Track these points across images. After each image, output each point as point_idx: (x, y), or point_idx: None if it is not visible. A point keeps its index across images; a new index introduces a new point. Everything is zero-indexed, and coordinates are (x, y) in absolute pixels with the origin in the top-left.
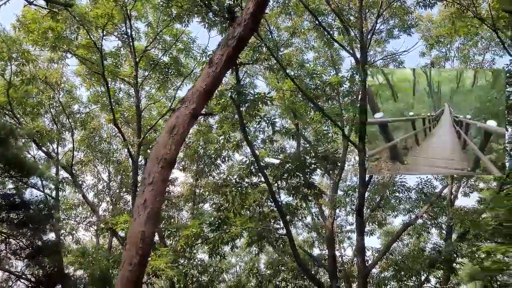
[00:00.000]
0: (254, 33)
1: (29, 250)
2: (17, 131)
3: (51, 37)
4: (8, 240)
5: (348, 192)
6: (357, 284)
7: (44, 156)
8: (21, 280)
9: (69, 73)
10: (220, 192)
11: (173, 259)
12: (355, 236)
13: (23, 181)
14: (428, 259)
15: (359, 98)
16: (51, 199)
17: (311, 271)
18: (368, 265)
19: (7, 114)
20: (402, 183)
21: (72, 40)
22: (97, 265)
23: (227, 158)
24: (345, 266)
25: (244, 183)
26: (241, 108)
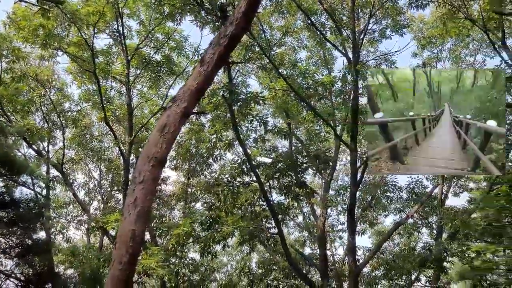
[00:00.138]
0: (247, 32)
1: (19, 249)
2: (7, 129)
3: (42, 35)
4: None
5: (340, 192)
6: (348, 283)
7: (35, 154)
8: (11, 279)
9: (60, 71)
10: (212, 191)
11: (164, 258)
12: (346, 236)
13: (13, 180)
14: (419, 258)
15: (351, 98)
16: (42, 198)
17: (303, 270)
18: (359, 264)
19: None
20: (393, 183)
21: (63, 38)
22: (88, 264)
23: (219, 158)
24: (336, 265)
25: (236, 182)
26: (233, 107)
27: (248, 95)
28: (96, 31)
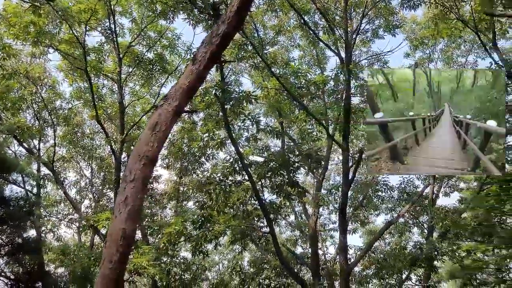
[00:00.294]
0: (239, 31)
1: (9, 247)
2: None
3: (33, 32)
4: None
5: (332, 191)
6: (340, 282)
7: (25, 153)
8: (0, 278)
9: (52, 68)
10: (204, 190)
11: (156, 257)
12: (338, 235)
13: (3, 177)
14: (410, 257)
15: (344, 98)
16: (32, 196)
17: (294, 269)
18: (351, 263)
19: None
20: (385, 182)
21: (55, 35)
22: (79, 263)
23: (211, 157)
24: (328, 264)
25: (228, 181)
26: (226, 106)
27: (241, 94)
28: (88, 29)
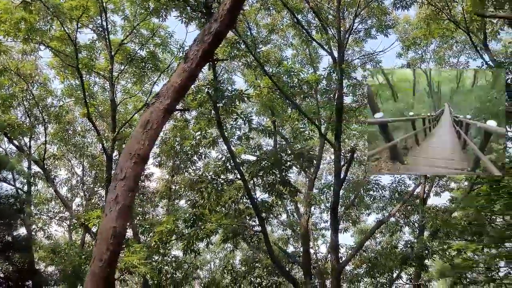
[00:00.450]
0: (231, 29)
1: None
2: None
3: (24, 28)
4: None
5: (323, 190)
6: (331, 281)
7: (16, 150)
8: None
9: (43, 66)
10: (196, 189)
11: (147, 256)
12: (330, 234)
13: None
14: (401, 256)
15: (336, 97)
16: (23, 194)
17: (286, 268)
18: (342, 262)
19: None
20: (377, 182)
21: (46, 32)
22: (69, 261)
23: (204, 155)
24: (319, 263)
25: (220, 180)
26: (218, 105)
27: (233, 93)
28: (80, 26)
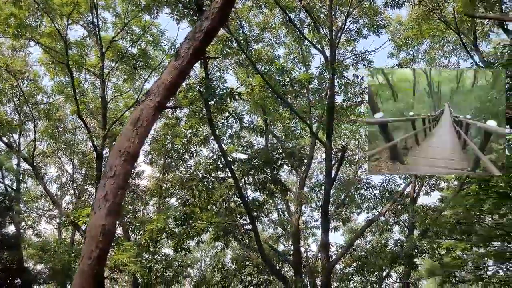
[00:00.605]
0: (223, 27)
1: None
2: None
3: (13, 24)
4: None
5: (314, 189)
6: (321, 279)
7: (5, 147)
8: None
9: (33, 62)
10: (187, 187)
11: (137, 254)
12: (320, 232)
13: None
14: (390, 255)
15: (327, 96)
16: (12, 191)
17: (276, 266)
18: (332, 261)
19: None
20: (367, 181)
21: (36, 28)
22: (58, 259)
23: (195, 153)
24: (310, 262)
25: (211, 178)
26: (210, 103)
27: (225, 91)
28: (70, 22)
